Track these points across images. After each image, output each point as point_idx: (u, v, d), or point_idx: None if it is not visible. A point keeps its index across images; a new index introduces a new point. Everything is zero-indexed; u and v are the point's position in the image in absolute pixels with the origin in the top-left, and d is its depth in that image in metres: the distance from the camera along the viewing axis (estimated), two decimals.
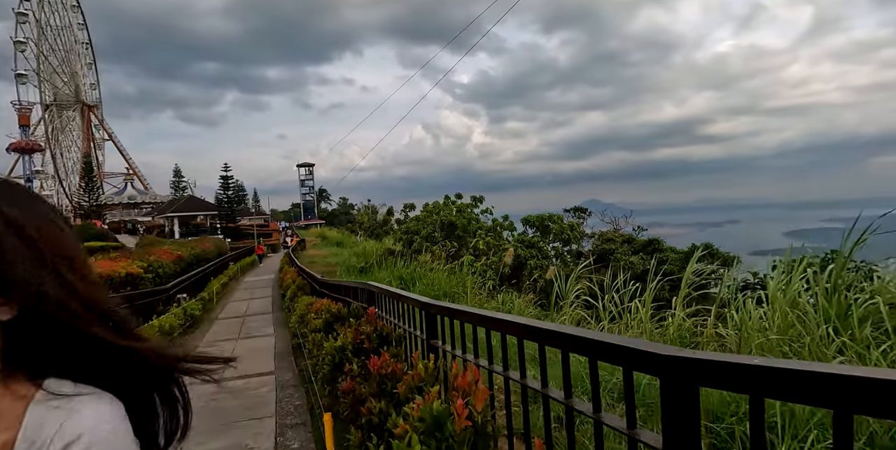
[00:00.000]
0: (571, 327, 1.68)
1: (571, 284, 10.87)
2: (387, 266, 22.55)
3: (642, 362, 1.30)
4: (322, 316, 4.92)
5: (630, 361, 1.36)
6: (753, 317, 6.50)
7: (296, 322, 8.80)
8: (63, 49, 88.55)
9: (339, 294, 7.17)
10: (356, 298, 5.63)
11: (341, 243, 52.57)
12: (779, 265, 7.14)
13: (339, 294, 6.92)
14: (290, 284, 14.37)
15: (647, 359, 1.27)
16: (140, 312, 10.19)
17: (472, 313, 2.29)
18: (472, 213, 25.73)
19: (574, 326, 7.63)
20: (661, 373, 1.23)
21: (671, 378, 1.19)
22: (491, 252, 20.67)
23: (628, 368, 1.37)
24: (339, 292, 7.14)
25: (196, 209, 60.69)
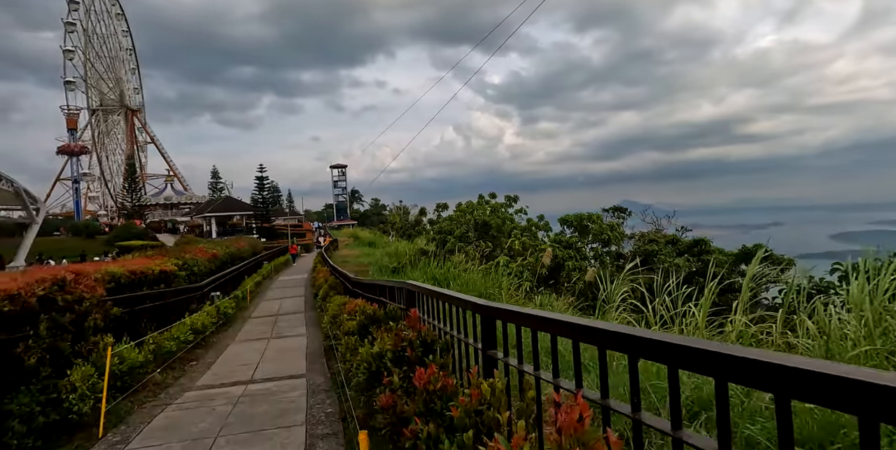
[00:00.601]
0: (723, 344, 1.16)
1: (618, 287, 10.21)
2: (420, 266, 22.19)
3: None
4: (356, 318, 4.49)
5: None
6: (833, 325, 5.78)
7: (328, 322, 8.46)
8: (108, 56, 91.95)
9: (373, 294, 6.76)
10: (393, 298, 5.20)
11: (373, 244, 52.66)
12: (860, 268, 6.35)
13: (374, 294, 6.50)
14: (322, 284, 14.12)
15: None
16: (174, 310, 10.04)
17: (553, 320, 1.78)
18: (506, 212, 25.08)
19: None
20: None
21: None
22: (527, 253, 20.04)
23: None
24: (373, 292, 6.72)
25: (232, 209, 61.90)
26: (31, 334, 4.92)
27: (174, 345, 8.26)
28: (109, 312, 6.56)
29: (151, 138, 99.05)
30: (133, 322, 7.83)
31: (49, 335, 5.17)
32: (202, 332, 10.06)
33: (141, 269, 9.73)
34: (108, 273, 8.34)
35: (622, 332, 1.37)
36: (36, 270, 5.51)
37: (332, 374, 7.36)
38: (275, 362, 8.42)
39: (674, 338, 1.29)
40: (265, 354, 9.16)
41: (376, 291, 6.35)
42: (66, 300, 5.67)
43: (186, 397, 6.50)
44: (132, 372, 6.53)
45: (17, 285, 4.85)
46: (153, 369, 7.38)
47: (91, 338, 6.07)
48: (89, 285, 6.27)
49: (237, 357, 9.09)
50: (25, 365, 4.82)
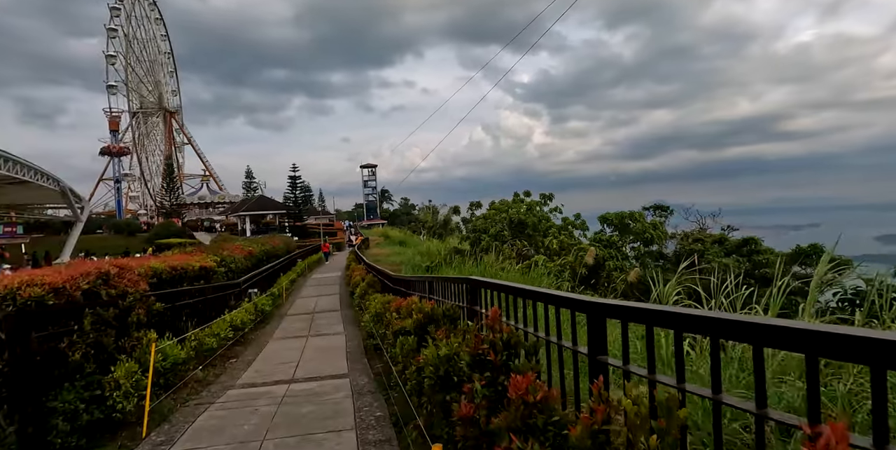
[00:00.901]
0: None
1: (671, 288, 9.66)
2: (455, 265, 21.86)
3: None
4: (413, 316, 4.15)
5: None
6: None
7: (370, 321, 8.18)
8: (148, 60, 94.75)
9: (420, 291, 6.42)
10: (445, 295, 4.85)
11: (404, 243, 52.66)
12: None
13: (422, 291, 6.16)
14: (358, 282, 13.92)
15: None
16: (213, 306, 9.95)
17: (712, 319, 1.39)
18: (541, 211, 24.47)
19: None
20: None
21: None
22: (563, 252, 19.47)
23: None
24: (420, 289, 6.39)
25: (266, 208, 62.87)
26: (76, 329, 4.76)
27: (215, 342, 8.13)
28: (152, 308, 6.42)
29: (188, 139, 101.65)
30: (174, 318, 7.71)
31: (93, 330, 5.01)
32: (241, 329, 9.94)
33: (181, 265, 9.65)
34: (151, 268, 8.27)
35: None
36: (80, 264, 5.38)
37: (376, 374, 7.07)
38: (315, 360, 8.20)
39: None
40: (304, 352, 8.96)
41: (425, 287, 6.01)
42: (109, 295, 5.53)
43: (229, 395, 6.31)
44: (175, 369, 6.37)
45: (62, 278, 4.70)
46: (195, 367, 7.23)
47: (134, 333, 5.92)
48: (133, 280, 6.13)
49: (277, 355, 8.91)
50: (70, 360, 4.66)
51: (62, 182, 37.32)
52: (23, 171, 32.21)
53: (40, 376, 4.37)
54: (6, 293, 4.29)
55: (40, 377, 4.38)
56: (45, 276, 4.57)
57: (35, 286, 4.38)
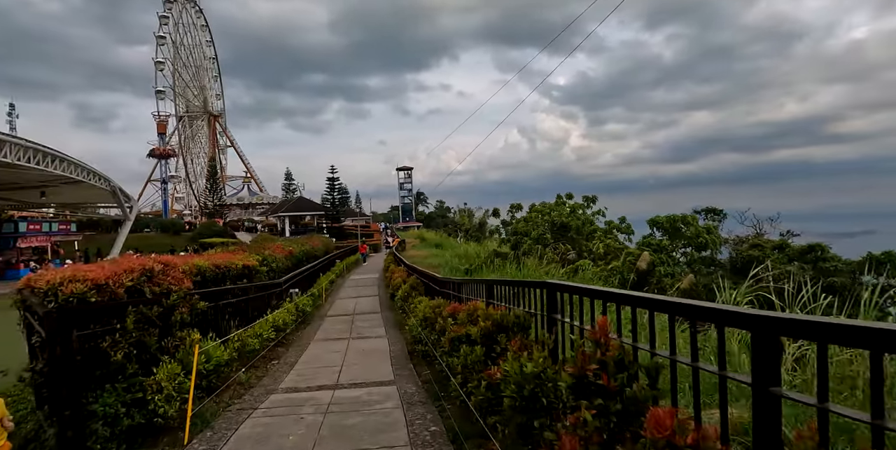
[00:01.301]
0: None
1: (741, 296, 8.93)
2: (494, 268, 21.34)
3: None
4: (480, 323, 3.70)
5: None
6: None
7: (416, 325, 7.78)
8: (194, 65, 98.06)
9: (475, 296, 5.97)
10: (513, 300, 4.38)
11: (440, 245, 52.39)
12: None
13: (478, 296, 5.70)
14: (399, 284, 13.59)
15: None
16: (255, 305, 9.78)
17: None
18: (585, 214, 23.65)
19: None
20: None
21: None
22: (609, 256, 18.68)
23: None
24: (476, 293, 5.93)
25: (304, 210, 63.77)
26: (118, 328, 4.52)
27: (258, 343, 7.89)
28: (196, 307, 6.19)
29: (231, 142, 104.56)
30: (217, 317, 7.50)
31: (136, 329, 4.77)
32: (283, 330, 9.73)
33: (225, 263, 9.50)
34: (195, 266, 8.12)
35: None
36: (124, 260, 5.18)
37: (424, 382, 6.66)
38: (359, 365, 7.85)
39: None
40: (347, 355, 8.64)
41: (481, 291, 5.55)
42: (153, 292, 5.30)
43: (272, 400, 6.00)
44: (217, 371, 6.12)
45: (105, 275, 4.48)
46: (237, 368, 6.99)
47: (177, 333, 5.69)
48: (177, 277, 5.91)
49: (319, 358, 8.63)
50: (111, 361, 4.42)
51: (112, 182, 38.66)
52: (76, 171, 33.49)
53: (81, 378, 4.13)
54: (48, 289, 4.07)
55: (81, 378, 4.14)
56: (88, 272, 4.34)
57: (77, 282, 4.15)
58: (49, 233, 37.10)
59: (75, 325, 4.08)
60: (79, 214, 53.97)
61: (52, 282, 4.09)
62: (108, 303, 4.47)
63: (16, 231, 33.44)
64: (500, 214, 26.35)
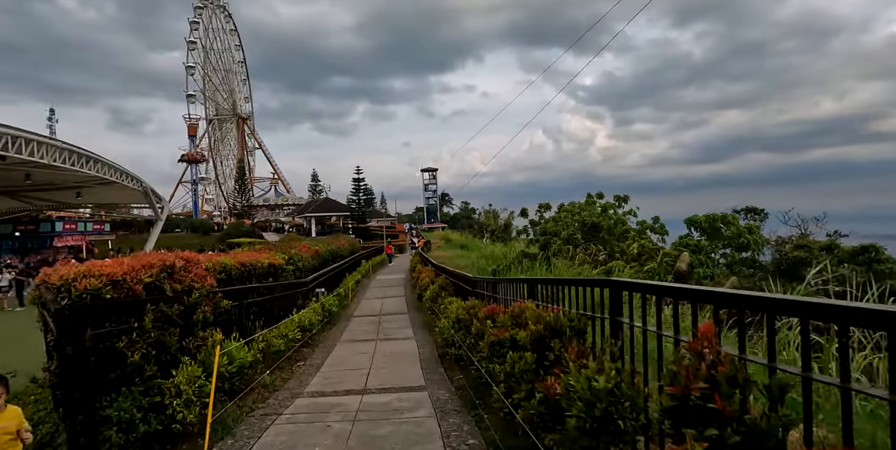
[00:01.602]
0: None
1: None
2: (523, 269, 20.79)
3: None
4: (531, 327, 3.26)
5: None
6: None
7: (448, 327, 7.37)
8: (223, 69, 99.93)
9: (514, 297, 5.52)
10: (562, 301, 3.92)
11: (465, 246, 51.87)
12: None
13: (518, 297, 5.25)
14: (427, 285, 13.21)
15: None
16: (281, 305, 9.52)
17: None
18: (617, 214, 22.87)
19: None
20: None
21: None
22: (643, 257, 17.95)
23: None
24: (514, 294, 5.48)
25: (330, 210, 64.13)
26: (136, 327, 4.23)
27: (283, 344, 7.60)
28: (219, 305, 5.91)
29: (259, 144, 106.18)
30: (241, 317, 7.24)
31: (155, 328, 4.48)
32: (309, 330, 9.44)
33: (250, 261, 9.27)
34: (220, 264, 7.90)
35: None
36: (144, 255, 4.91)
37: (457, 388, 6.25)
38: (388, 369, 7.48)
39: None
40: (375, 358, 8.28)
41: (521, 291, 5.10)
42: (174, 290, 5.02)
43: (297, 406, 5.67)
44: (241, 373, 5.82)
45: (122, 270, 4.19)
46: (262, 370, 6.69)
47: (199, 333, 5.41)
48: (199, 274, 5.64)
49: (345, 360, 8.30)
50: (128, 362, 4.13)
51: (144, 183, 39.41)
52: (110, 171, 34.20)
53: (95, 380, 3.85)
54: (61, 284, 3.80)
55: (95, 381, 3.85)
56: (103, 266, 4.06)
57: (92, 278, 3.87)
58: (84, 232, 38.02)
59: (89, 323, 3.79)
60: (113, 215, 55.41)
61: (65, 277, 3.82)
62: (125, 300, 4.19)
63: (52, 230, 34.34)
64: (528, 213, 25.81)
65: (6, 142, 25.24)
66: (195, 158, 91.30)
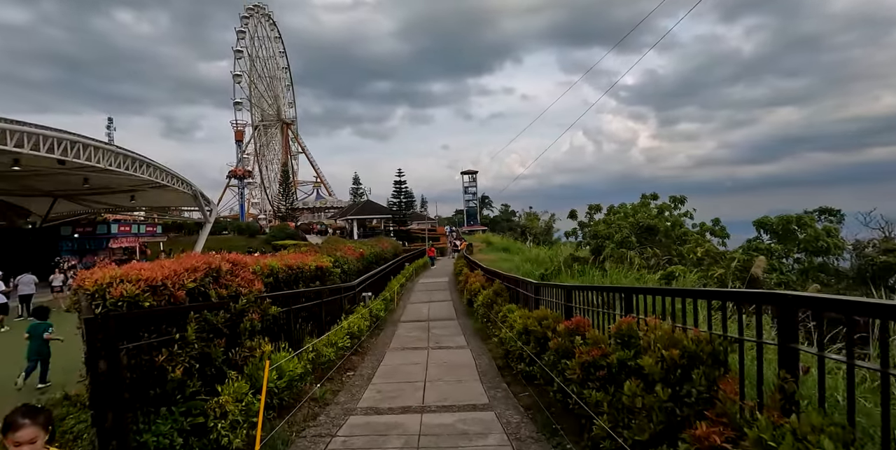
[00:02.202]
0: None
1: None
2: (573, 273, 19.83)
3: None
4: (660, 352, 2.55)
5: None
6: None
7: (513, 338, 6.69)
8: (268, 76, 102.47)
9: (604, 307, 4.78)
10: (674, 318, 3.18)
11: (508, 249, 50.91)
12: None
13: (607, 308, 4.51)
14: (478, 290, 12.54)
15: None
16: (330, 310, 9.06)
17: None
18: (675, 215, 21.54)
19: None
20: None
21: None
22: (707, 262, 16.70)
23: None
24: (607, 304, 4.74)
25: (371, 213, 64.45)
26: (178, 338, 3.75)
27: (333, 352, 7.10)
28: (267, 312, 5.43)
29: (302, 148, 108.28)
30: (288, 323, 6.77)
31: (198, 339, 4.01)
32: (357, 337, 8.94)
33: (298, 264, 8.85)
34: (268, 266, 7.50)
35: None
36: (188, 257, 4.46)
37: (526, 408, 5.56)
38: (444, 382, 6.86)
39: None
40: (429, 369, 7.67)
41: (612, 302, 4.35)
42: (220, 295, 4.55)
43: (352, 425, 5.11)
44: (291, 386, 5.32)
45: (163, 274, 3.72)
46: (311, 382, 6.19)
47: (247, 342, 4.93)
48: (247, 278, 5.17)
49: (398, 370, 7.73)
50: (169, 378, 3.65)
51: (194, 186, 40.45)
52: (161, 175, 35.21)
53: (130, 399, 3.37)
54: (95, 290, 3.34)
55: (131, 400, 3.37)
56: (143, 270, 3.60)
57: (129, 283, 3.40)
58: (137, 234, 39.30)
59: (124, 335, 3.32)
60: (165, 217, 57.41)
61: (99, 282, 3.36)
62: (166, 308, 3.71)
63: (108, 232, 35.60)
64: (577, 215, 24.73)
65: (65, 147, 26.24)
66: (241, 173, 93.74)
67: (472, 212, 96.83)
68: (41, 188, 38.46)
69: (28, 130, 23.12)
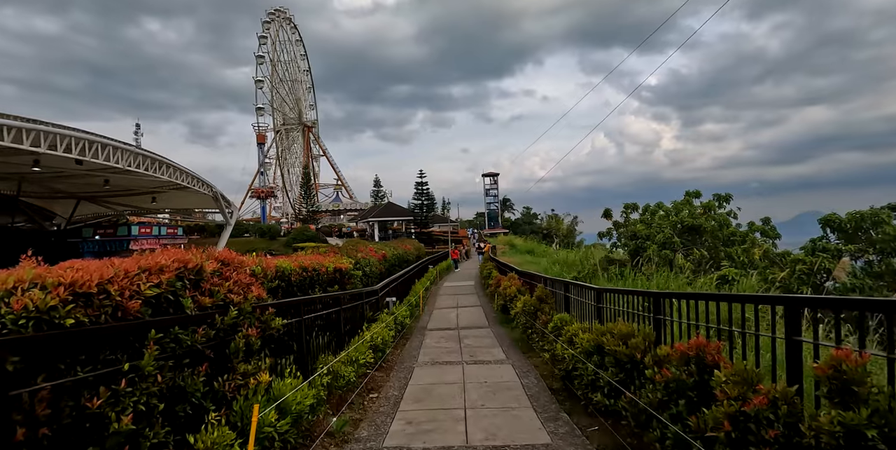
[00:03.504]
0: None
1: None
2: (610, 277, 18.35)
3: None
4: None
5: None
6: None
7: (580, 358, 5.38)
8: (289, 79, 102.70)
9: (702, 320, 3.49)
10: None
11: (532, 251, 49.41)
12: None
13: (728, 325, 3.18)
14: (513, 294, 11.25)
15: None
16: (349, 317, 7.87)
17: None
18: (721, 214, 19.82)
19: None
20: None
21: None
22: (763, 264, 15.11)
23: None
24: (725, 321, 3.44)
25: (393, 215, 63.56)
26: (126, 370, 2.57)
27: (352, 372, 5.88)
28: (269, 325, 4.24)
29: (323, 151, 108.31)
30: (300, 337, 5.58)
31: (163, 369, 2.82)
32: (381, 349, 7.72)
33: (313, 265, 7.69)
34: (277, 268, 6.36)
35: None
36: (151, 255, 3.28)
37: (600, 446, 4.27)
38: (489, 410, 5.58)
39: None
40: (467, 391, 6.41)
41: (794, 316, 3.03)
42: (201, 305, 3.37)
43: None
44: (298, 423, 4.11)
45: (103, 275, 2.54)
46: (326, 412, 4.98)
47: (240, 367, 3.73)
48: (241, 282, 3.99)
49: (429, 393, 6.47)
50: (111, 430, 2.45)
51: (214, 187, 40.02)
52: (181, 176, 34.77)
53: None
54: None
55: None
56: (66, 271, 2.42)
57: (42, 289, 2.22)
58: (158, 236, 38.98)
59: (32, 370, 2.14)
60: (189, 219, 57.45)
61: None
62: (108, 326, 2.53)
63: (129, 234, 35.27)
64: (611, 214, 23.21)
65: (83, 146, 25.79)
66: (265, 193, 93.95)
67: (494, 214, 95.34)
68: (64, 190, 38.45)
69: (45, 128, 22.65)
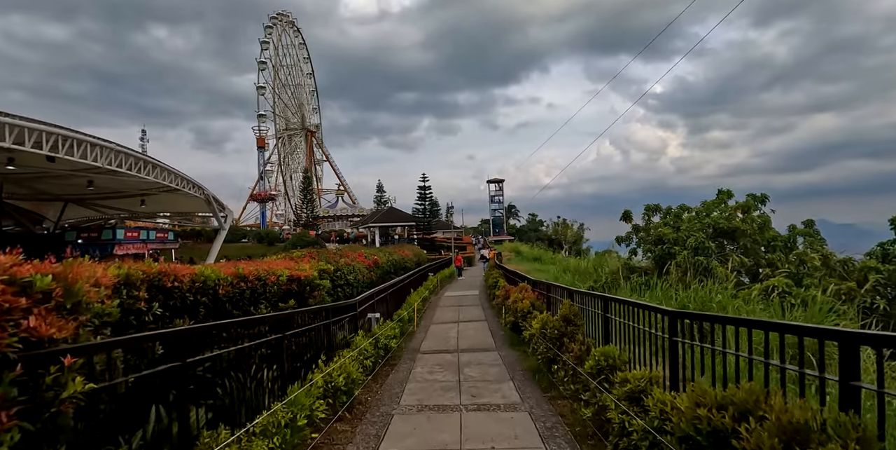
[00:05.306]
0: None
1: None
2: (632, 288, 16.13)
3: None
4: None
5: None
6: None
7: (650, 429, 3.24)
8: (292, 84, 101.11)
9: None
10: None
11: (539, 259, 47.23)
12: None
13: None
14: (528, 309, 9.11)
15: None
16: (306, 346, 5.76)
17: None
18: (764, 216, 17.57)
19: None
20: None
21: None
22: (817, 272, 12.96)
23: None
24: None
25: (395, 220, 61.47)
26: None
27: (283, 439, 3.74)
28: (94, 397, 2.12)
29: (326, 156, 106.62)
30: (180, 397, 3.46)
31: None
32: (347, 392, 5.56)
33: (258, 274, 5.61)
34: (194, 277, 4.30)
35: None
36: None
37: None
38: None
39: None
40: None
41: None
42: None
43: None
44: None
45: None
46: None
47: None
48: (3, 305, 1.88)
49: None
50: None
51: (206, 190, 38.10)
52: (170, 178, 32.87)
53: None
54: None
55: None
56: None
57: None
58: (146, 241, 37.01)
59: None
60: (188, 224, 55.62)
61: None
62: None
63: (113, 238, 33.31)
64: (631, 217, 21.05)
65: (55, 142, 23.86)
66: (264, 197, 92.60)
67: (499, 221, 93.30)
68: (48, 192, 36.60)
69: (9, 121, 20.74)
